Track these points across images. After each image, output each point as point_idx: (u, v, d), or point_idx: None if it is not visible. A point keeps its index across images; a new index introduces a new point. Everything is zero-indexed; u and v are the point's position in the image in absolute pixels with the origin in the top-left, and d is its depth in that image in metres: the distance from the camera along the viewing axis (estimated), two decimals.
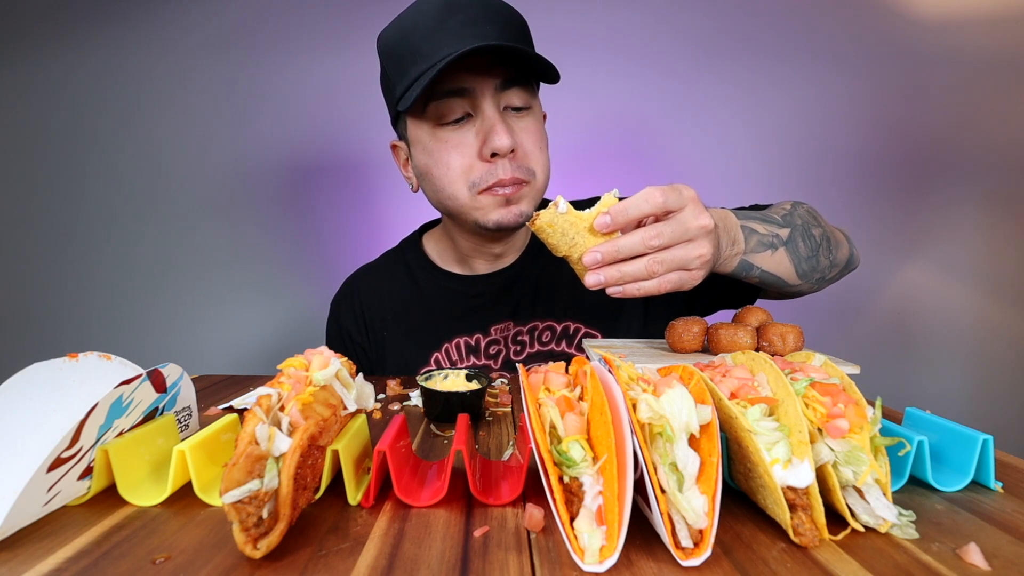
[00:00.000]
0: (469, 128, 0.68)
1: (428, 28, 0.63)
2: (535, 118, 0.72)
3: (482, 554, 0.30)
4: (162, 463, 0.41)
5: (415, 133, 0.71)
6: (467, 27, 0.62)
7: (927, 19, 1.48)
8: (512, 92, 0.68)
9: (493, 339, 0.82)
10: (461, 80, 0.65)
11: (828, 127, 1.53)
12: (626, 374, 0.36)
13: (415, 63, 0.64)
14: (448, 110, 0.67)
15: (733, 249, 0.61)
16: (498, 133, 0.65)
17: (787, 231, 0.66)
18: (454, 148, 0.68)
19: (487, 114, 0.66)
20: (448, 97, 0.66)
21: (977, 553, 0.29)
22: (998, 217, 1.53)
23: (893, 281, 1.56)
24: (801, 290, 0.71)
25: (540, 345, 0.81)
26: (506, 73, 0.66)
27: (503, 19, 0.65)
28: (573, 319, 0.81)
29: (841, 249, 0.72)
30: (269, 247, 1.62)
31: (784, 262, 0.65)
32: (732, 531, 0.32)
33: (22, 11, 1.58)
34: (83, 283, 1.66)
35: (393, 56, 0.68)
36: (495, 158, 0.67)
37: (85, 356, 0.44)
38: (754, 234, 0.62)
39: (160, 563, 0.29)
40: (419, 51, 0.64)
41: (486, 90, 0.66)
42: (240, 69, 1.57)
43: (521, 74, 0.68)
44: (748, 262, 0.63)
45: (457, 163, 0.68)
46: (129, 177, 1.62)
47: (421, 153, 0.72)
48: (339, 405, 0.38)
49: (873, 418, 0.33)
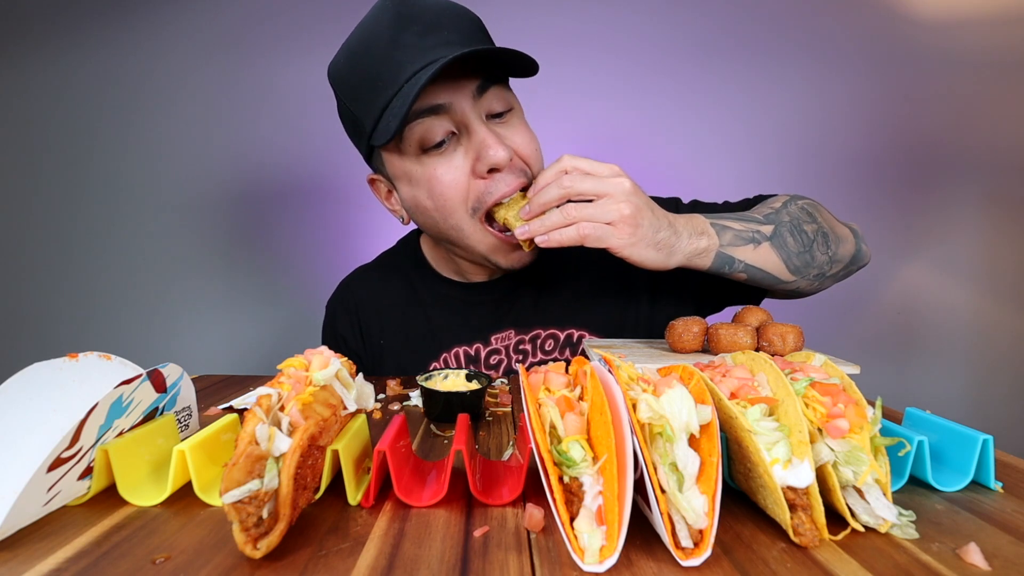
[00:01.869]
0: (455, 148, 0.63)
1: (382, 50, 0.58)
2: (518, 117, 0.67)
3: (482, 554, 0.30)
4: (162, 463, 0.41)
5: (396, 167, 0.66)
6: (425, 39, 0.58)
7: (927, 19, 1.48)
8: (490, 95, 0.62)
9: (494, 348, 0.79)
10: (435, 96, 0.59)
11: (828, 127, 1.53)
12: (626, 374, 0.36)
13: (377, 91, 0.59)
14: (428, 133, 0.61)
15: (701, 240, 0.62)
16: (491, 146, 0.60)
17: (770, 227, 0.65)
18: (445, 174, 0.63)
19: (473, 128, 0.61)
20: (425, 116, 0.60)
21: (977, 553, 0.29)
22: (998, 217, 1.53)
23: (893, 281, 1.56)
24: (800, 287, 0.70)
25: (543, 354, 0.79)
26: (480, 76, 0.61)
27: (458, 21, 0.61)
28: (577, 326, 0.79)
29: (844, 244, 0.71)
30: (269, 247, 1.62)
31: (771, 256, 0.65)
32: (732, 531, 0.32)
33: (22, 11, 1.58)
34: (83, 283, 1.66)
35: (351, 88, 0.62)
36: (492, 173, 0.63)
37: (85, 356, 0.44)
38: (728, 230, 0.63)
39: (160, 563, 0.29)
40: (379, 77, 0.58)
41: (464, 101, 0.60)
42: (240, 70, 1.57)
43: (495, 74, 0.63)
44: (727, 255, 0.63)
45: (452, 192, 0.63)
46: (129, 177, 1.62)
47: (408, 186, 0.66)
48: (339, 405, 0.38)
49: (873, 418, 0.33)
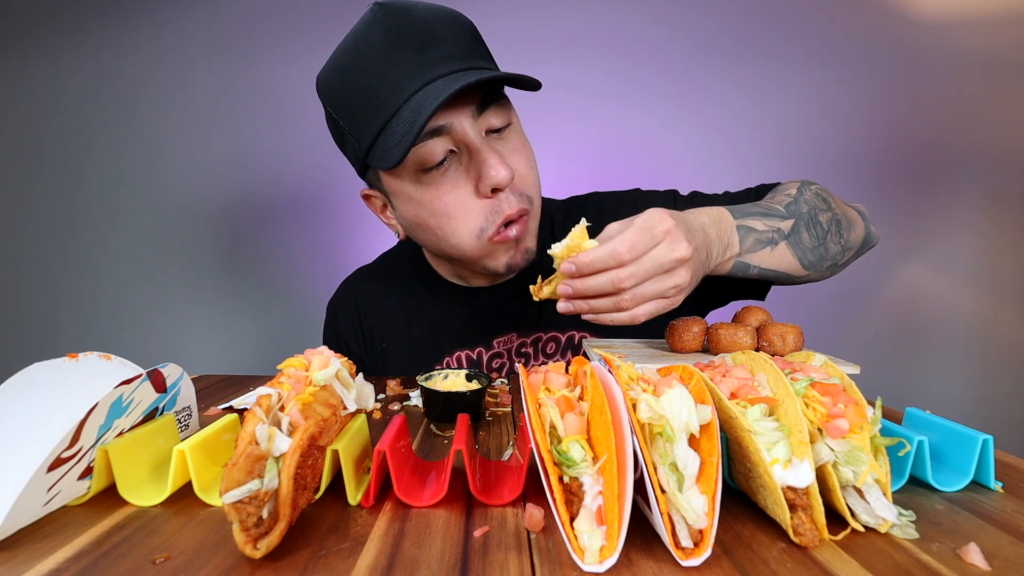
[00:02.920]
0: (455, 167, 0.62)
1: (377, 67, 0.57)
2: (517, 133, 0.66)
3: (482, 554, 0.30)
4: (162, 463, 0.41)
5: (393, 184, 0.65)
6: (422, 55, 0.56)
7: (927, 19, 1.48)
8: (490, 113, 0.61)
9: (496, 352, 0.79)
10: (436, 119, 0.58)
11: (828, 127, 1.53)
12: (626, 374, 0.36)
13: (374, 110, 0.58)
14: (429, 155, 0.60)
15: (726, 254, 0.60)
16: (493, 166, 0.59)
17: (790, 223, 0.64)
18: (447, 194, 0.62)
19: (474, 147, 0.60)
20: (426, 139, 0.59)
21: (977, 553, 0.29)
22: (998, 217, 1.53)
23: (893, 281, 1.56)
24: (813, 278, 0.69)
25: (545, 357, 0.79)
26: (480, 95, 0.60)
27: (453, 31, 0.59)
28: (578, 328, 0.78)
29: (854, 230, 0.70)
30: (270, 247, 1.62)
31: (786, 256, 0.64)
32: (732, 531, 0.32)
33: (22, 11, 1.58)
34: (83, 283, 1.66)
35: (344, 104, 0.61)
36: (495, 193, 0.62)
37: (85, 356, 0.44)
38: (751, 233, 0.61)
39: (160, 563, 0.29)
40: (375, 96, 0.57)
41: (464, 120, 0.59)
42: (240, 70, 1.57)
43: (495, 90, 0.62)
44: (744, 262, 0.62)
45: (457, 211, 0.63)
46: (129, 177, 1.62)
47: (406, 204, 0.66)
48: (339, 405, 0.38)
49: (873, 418, 0.33)
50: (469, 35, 0.61)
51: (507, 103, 0.65)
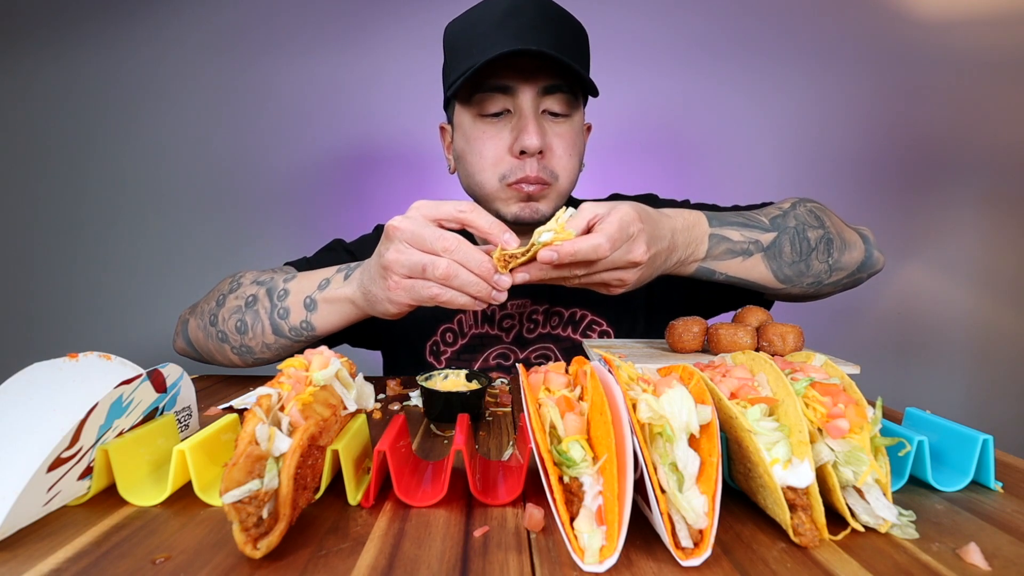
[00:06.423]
0: (506, 123, 0.72)
1: (489, 26, 0.67)
2: (571, 126, 0.74)
3: (482, 554, 0.30)
4: (162, 463, 0.41)
5: (459, 118, 0.76)
6: (524, 31, 0.66)
7: (927, 19, 1.48)
8: (552, 98, 0.71)
9: (508, 313, 0.85)
10: (506, 78, 0.69)
11: (828, 127, 1.53)
12: (626, 374, 0.36)
13: (469, 55, 0.68)
14: (489, 103, 0.71)
15: (689, 259, 0.64)
16: (529, 133, 0.68)
17: (771, 236, 0.66)
18: (489, 139, 0.72)
19: (523, 112, 0.70)
20: (492, 92, 0.70)
21: (977, 553, 0.29)
22: (998, 218, 1.53)
23: (893, 281, 1.56)
24: (792, 293, 0.70)
25: (550, 327, 0.84)
26: (548, 80, 0.69)
27: (560, 28, 0.68)
28: (581, 306, 0.84)
29: (849, 252, 0.71)
30: (270, 247, 1.62)
31: (759, 268, 0.66)
32: (732, 531, 0.32)
33: (23, 12, 1.58)
34: (83, 283, 1.66)
35: (453, 46, 0.73)
36: (523, 156, 0.70)
37: (85, 356, 0.44)
38: (724, 242, 0.64)
39: (160, 563, 0.29)
40: (475, 45, 0.68)
41: (528, 92, 0.69)
42: (240, 69, 1.57)
43: (563, 83, 0.70)
44: (708, 268, 0.65)
45: (490, 153, 0.72)
46: (130, 177, 1.62)
47: (461, 138, 0.76)
48: (339, 405, 0.38)
49: (873, 418, 0.33)
50: (572, 36, 0.70)
51: (574, 101, 0.73)
